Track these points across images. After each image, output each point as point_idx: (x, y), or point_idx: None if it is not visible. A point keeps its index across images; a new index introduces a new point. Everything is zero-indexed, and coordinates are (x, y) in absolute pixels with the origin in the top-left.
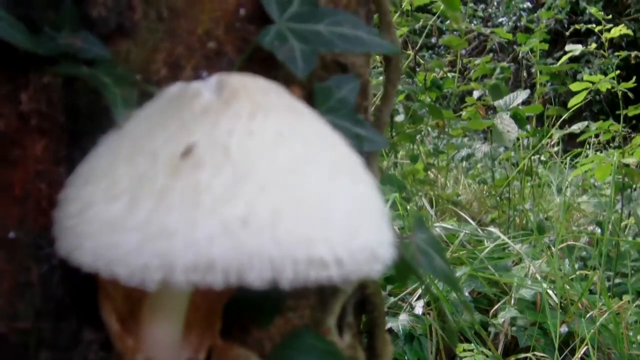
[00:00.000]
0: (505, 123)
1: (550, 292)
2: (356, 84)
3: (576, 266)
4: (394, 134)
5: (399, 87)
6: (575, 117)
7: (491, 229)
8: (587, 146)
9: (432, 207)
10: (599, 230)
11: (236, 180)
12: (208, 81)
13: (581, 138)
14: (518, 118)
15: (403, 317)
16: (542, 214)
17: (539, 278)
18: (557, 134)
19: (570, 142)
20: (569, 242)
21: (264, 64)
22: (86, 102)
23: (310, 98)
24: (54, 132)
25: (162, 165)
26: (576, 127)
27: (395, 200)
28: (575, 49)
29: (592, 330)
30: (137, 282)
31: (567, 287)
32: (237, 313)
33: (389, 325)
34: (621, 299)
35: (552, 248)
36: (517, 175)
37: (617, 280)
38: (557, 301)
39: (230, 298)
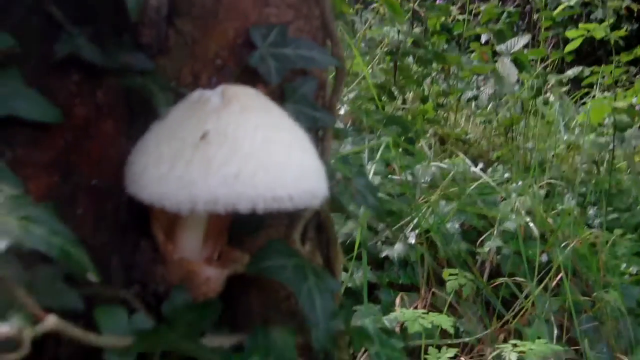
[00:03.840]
0: (506, 67)
1: (531, 224)
2: (314, 82)
3: (573, 201)
4: (400, 77)
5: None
6: (582, 61)
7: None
8: (595, 87)
9: (441, 144)
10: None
11: (231, 153)
12: (215, 90)
13: (585, 81)
14: (519, 62)
15: (398, 246)
16: (549, 152)
17: (522, 212)
18: (552, 79)
19: (577, 86)
20: (549, 181)
21: (252, 74)
22: (138, 97)
23: (282, 94)
24: (118, 117)
25: (188, 145)
26: (570, 73)
27: (389, 144)
28: None
29: (564, 258)
30: (175, 210)
31: (550, 220)
32: (236, 229)
33: (385, 253)
34: (612, 233)
35: (535, 185)
36: (523, 116)
37: (615, 215)
38: (537, 232)
39: (231, 220)
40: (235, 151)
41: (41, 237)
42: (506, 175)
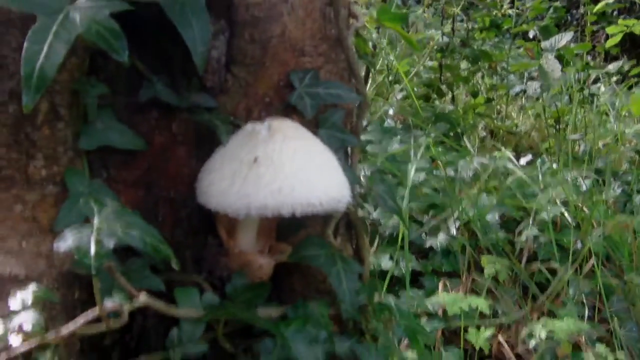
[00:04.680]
0: (550, 63)
1: (567, 214)
2: (342, 112)
3: (618, 190)
4: (448, 75)
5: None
6: (628, 54)
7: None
8: None
9: (492, 137)
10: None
11: (275, 173)
12: (264, 123)
13: (632, 72)
14: (563, 58)
15: (441, 237)
16: (599, 142)
17: (558, 203)
18: (593, 73)
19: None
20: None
21: (292, 109)
22: (204, 129)
23: (317, 123)
24: (189, 144)
25: (244, 166)
26: (611, 67)
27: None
28: None
29: (595, 244)
30: (234, 216)
31: (585, 209)
32: (282, 229)
33: (429, 244)
34: None
35: (578, 175)
36: (571, 107)
37: None
38: (570, 221)
39: (278, 222)
40: (279, 171)
41: (138, 237)
42: (554, 165)
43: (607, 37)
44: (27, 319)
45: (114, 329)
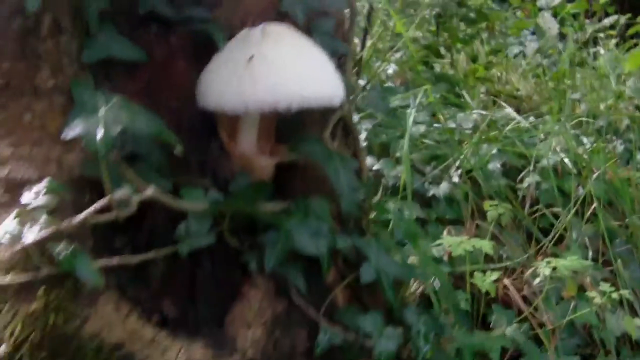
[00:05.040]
0: (546, 21)
1: (567, 161)
2: (332, 20)
3: (620, 147)
4: (446, 37)
5: None
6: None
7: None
8: None
9: (494, 103)
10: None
11: (270, 69)
12: (257, 28)
13: (630, 32)
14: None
15: (443, 185)
16: (600, 103)
17: (558, 150)
18: (589, 28)
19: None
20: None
21: (284, 16)
22: (201, 41)
23: (309, 30)
24: (187, 55)
25: (239, 66)
26: (607, 22)
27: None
28: None
29: (597, 188)
30: (233, 113)
31: (585, 156)
32: (281, 131)
33: (432, 192)
34: None
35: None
36: (570, 69)
37: None
38: (571, 168)
39: (277, 123)
40: (273, 68)
41: (144, 123)
42: (556, 127)
43: None
44: (41, 204)
45: (125, 224)
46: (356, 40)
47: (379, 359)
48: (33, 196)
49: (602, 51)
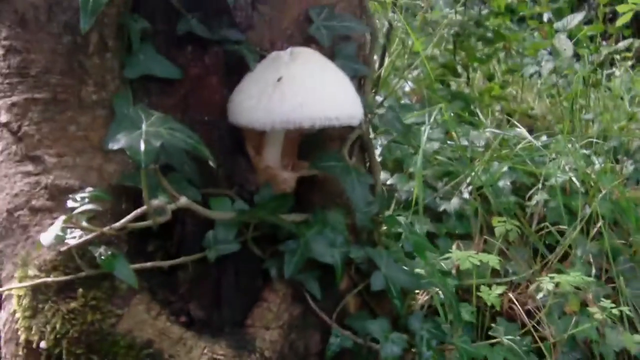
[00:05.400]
0: (562, 42)
1: (575, 180)
2: (354, 45)
3: (630, 167)
4: (463, 56)
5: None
6: None
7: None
8: None
9: (508, 122)
10: None
11: (297, 90)
12: (286, 51)
13: None
14: (575, 40)
15: (454, 201)
16: (612, 124)
17: (567, 169)
18: (604, 50)
19: None
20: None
21: (311, 40)
22: (233, 60)
23: (333, 54)
24: (220, 74)
25: (270, 85)
26: (622, 45)
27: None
28: None
29: (603, 207)
30: (261, 129)
31: (593, 176)
32: (302, 148)
33: (442, 207)
34: None
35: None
36: (585, 89)
37: None
38: (579, 187)
39: (300, 141)
40: (300, 89)
41: (181, 138)
42: (567, 147)
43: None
44: (84, 210)
45: (157, 231)
46: (375, 57)
47: None
48: (78, 202)
49: (617, 73)
